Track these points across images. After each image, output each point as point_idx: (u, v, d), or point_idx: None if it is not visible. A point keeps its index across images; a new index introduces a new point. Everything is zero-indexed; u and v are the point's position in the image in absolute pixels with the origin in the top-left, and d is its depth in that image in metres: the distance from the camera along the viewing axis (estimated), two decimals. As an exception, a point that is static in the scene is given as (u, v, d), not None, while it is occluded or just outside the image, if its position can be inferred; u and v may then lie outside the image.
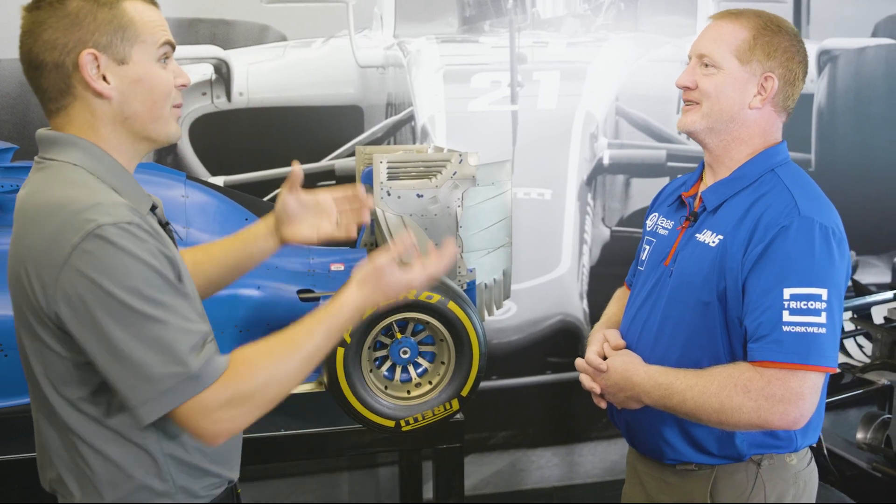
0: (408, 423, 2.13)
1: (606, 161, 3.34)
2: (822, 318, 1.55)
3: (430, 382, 2.17)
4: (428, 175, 2.25)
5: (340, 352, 2.04)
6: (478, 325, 2.12)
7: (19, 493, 2.22)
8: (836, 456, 2.93)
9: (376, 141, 3.08)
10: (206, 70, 2.90)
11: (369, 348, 2.10)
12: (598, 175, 3.35)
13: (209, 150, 2.94)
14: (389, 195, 2.19)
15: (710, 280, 1.66)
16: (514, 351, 3.36)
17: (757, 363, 1.58)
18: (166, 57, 1.38)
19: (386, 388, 2.15)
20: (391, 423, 2.12)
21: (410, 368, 2.17)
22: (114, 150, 1.36)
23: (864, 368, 3.21)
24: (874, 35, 3.58)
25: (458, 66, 3.14)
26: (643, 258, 1.89)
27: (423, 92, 3.10)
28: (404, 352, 2.14)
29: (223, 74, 2.92)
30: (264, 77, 2.96)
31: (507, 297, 2.63)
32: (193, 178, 2.41)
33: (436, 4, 3.12)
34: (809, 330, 1.54)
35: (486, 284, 2.51)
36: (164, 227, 1.45)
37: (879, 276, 3.73)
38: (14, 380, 1.95)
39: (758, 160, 1.71)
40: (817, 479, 1.81)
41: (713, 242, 1.67)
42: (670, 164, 3.38)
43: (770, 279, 1.58)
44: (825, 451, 2.03)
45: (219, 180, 2.92)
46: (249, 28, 2.92)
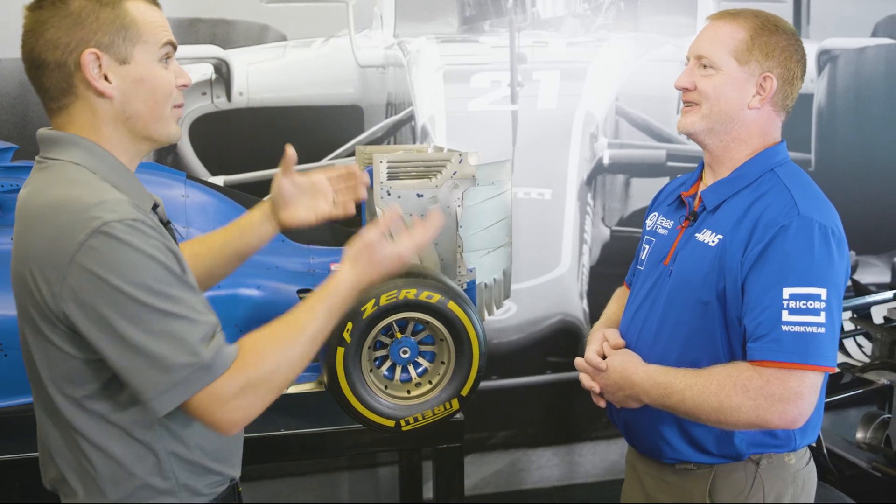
0: (408, 423, 2.12)
1: (606, 161, 3.34)
2: (822, 318, 1.55)
3: (430, 382, 2.17)
4: (428, 175, 2.25)
5: (340, 351, 2.03)
6: (478, 325, 2.12)
7: (20, 493, 2.21)
8: (835, 455, 2.93)
9: (376, 141, 3.08)
10: (206, 70, 2.90)
11: (369, 348, 2.10)
12: (598, 175, 3.35)
13: (209, 149, 2.94)
14: (389, 195, 2.20)
15: (709, 279, 1.66)
16: (514, 351, 3.35)
17: (756, 362, 1.58)
18: (168, 57, 1.39)
19: (386, 387, 2.15)
20: (391, 423, 2.12)
21: (410, 368, 2.17)
22: (115, 149, 1.37)
23: (864, 368, 3.21)
24: (874, 35, 3.58)
25: (458, 65, 3.14)
26: (643, 258, 1.89)
27: (423, 92, 3.10)
28: (404, 351, 2.14)
29: (223, 74, 2.92)
30: (264, 77, 2.96)
31: (507, 296, 2.63)
32: (193, 178, 2.41)
33: (436, 4, 3.12)
34: (808, 329, 1.55)
35: (486, 284, 2.51)
36: (166, 225, 1.45)
37: (879, 276, 3.73)
38: (14, 380, 1.96)
39: (757, 160, 1.71)
40: (816, 479, 1.82)
41: (713, 242, 1.68)
42: (670, 163, 3.38)
43: (769, 279, 1.58)
44: (825, 451, 2.03)
45: (219, 180, 2.92)
46: (249, 28, 2.92)
